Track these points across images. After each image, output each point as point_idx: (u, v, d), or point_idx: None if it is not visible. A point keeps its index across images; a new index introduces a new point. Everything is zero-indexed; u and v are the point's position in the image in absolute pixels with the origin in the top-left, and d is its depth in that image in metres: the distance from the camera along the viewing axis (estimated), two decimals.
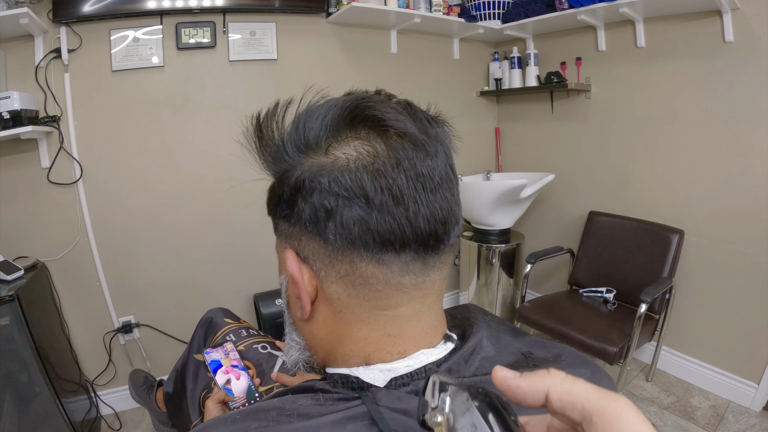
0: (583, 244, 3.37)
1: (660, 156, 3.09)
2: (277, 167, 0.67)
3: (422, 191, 0.60)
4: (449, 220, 0.63)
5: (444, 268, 0.67)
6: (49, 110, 2.66)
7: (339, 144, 0.61)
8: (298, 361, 0.75)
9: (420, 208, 0.59)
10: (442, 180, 0.62)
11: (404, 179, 0.58)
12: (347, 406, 0.62)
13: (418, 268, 0.63)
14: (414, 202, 0.59)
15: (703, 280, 2.98)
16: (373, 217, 0.58)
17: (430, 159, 0.61)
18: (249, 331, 1.74)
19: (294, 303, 0.70)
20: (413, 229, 0.59)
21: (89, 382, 2.97)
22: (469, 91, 3.99)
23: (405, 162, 0.59)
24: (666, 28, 2.94)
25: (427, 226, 0.60)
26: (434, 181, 0.61)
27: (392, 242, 0.59)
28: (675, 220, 2.96)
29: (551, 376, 0.43)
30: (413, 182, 0.59)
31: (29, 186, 2.70)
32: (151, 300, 3.07)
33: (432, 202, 0.60)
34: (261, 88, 3.13)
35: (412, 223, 0.59)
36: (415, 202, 0.59)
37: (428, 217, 0.60)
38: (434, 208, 0.61)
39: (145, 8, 2.73)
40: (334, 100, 0.65)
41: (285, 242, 0.69)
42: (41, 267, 2.67)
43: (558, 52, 3.59)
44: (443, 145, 0.64)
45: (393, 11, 3.14)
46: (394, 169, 0.58)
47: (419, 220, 0.60)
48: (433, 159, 0.61)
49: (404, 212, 0.59)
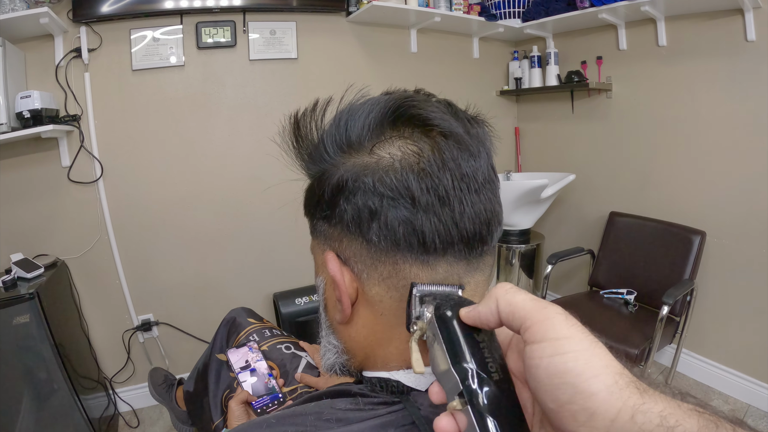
0: (603, 244, 3.34)
1: (681, 156, 3.05)
2: (316, 167, 0.66)
3: (467, 192, 0.59)
4: (492, 221, 0.62)
5: (486, 269, 0.66)
6: (70, 109, 2.68)
7: (383, 143, 0.60)
8: (335, 364, 0.73)
9: (465, 209, 0.58)
10: (485, 180, 0.61)
11: (450, 180, 0.57)
12: (388, 411, 0.61)
13: (462, 269, 0.61)
14: (459, 202, 0.58)
15: (724, 282, 2.94)
16: (419, 218, 0.57)
17: (474, 159, 0.60)
18: (272, 331, 1.73)
19: (333, 306, 0.69)
20: (458, 230, 0.58)
21: (108, 379, 3.00)
22: (489, 90, 3.97)
23: (450, 162, 0.58)
24: (688, 27, 2.90)
25: (472, 227, 0.59)
26: (478, 181, 0.60)
27: (437, 243, 0.58)
28: (696, 221, 2.92)
29: (497, 289, 0.48)
30: (458, 183, 0.58)
31: (50, 184, 2.72)
32: (170, 298, 3.08)
33: (476, 202, 0.59)
34: (281, 88, 3.13)
35: (457, 224, 0.58)
36: (461, 202, 0.58)
37: (473, 217, 0.59)
38: (479, 209, 0.60)
39: (165, 8, 2.74)
40: (375, 98, 0.64)
41: (324, 243, 0.67)
42: (61, 265, 2.70)
43: (579, 51, 3.56)
44: (484, 145, 0.63)
45: (413, 10, 3.13)
46: (440, 169, 0.57)
47: (464, 220, 0.59)
48: (477, 159, 0.60)
49: (450, 213, 0.58)
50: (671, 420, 0.37)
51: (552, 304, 0.45)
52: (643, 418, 0.37)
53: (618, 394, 0.38)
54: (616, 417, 0.37)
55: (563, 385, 0.40)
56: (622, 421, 0.37)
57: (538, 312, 0.43)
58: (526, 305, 0.45)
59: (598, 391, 0.38)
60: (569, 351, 0.40)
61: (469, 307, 0.50)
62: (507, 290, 0.47)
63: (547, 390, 0.41)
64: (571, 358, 0.40)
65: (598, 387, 0.38)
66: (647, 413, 0.37)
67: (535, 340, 0.42)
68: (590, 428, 0.38)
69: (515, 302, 0.45)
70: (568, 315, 0.44)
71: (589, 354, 0.40)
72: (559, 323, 0.42)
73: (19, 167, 2.65)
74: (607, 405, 0.38)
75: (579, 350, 0.40)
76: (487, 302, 0.48)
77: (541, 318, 0.43)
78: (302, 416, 0.63)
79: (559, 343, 0.41)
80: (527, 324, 0.44)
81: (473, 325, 0.49)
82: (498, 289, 0.48)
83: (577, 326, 0.43)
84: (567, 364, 0.40)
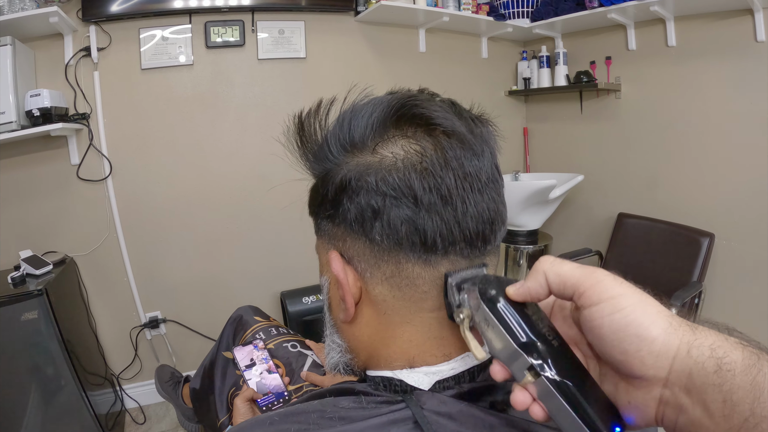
0: (611, 246, 3.32)
1: (690, 157, 3.03)
2: (320, 166, 0.66)
3: (470, 191, 0.59)
4: (496, 221, 0.62)
5: (491, 268, 0.66)
6: (79, 108, 2.70)
7: (386, 143, 0.60)
8: (339, 363, 0.73)
9: (468, 208, 0.59)
10: (489, 180, 0.61)
11: (452, 179, 0.58)
12: (391, 410, 0.61)
13: (465, 268, 0.61)
14: (462, 202, 0.58)
15: (732, 284, 2.91)
16: (421, 217, 0.57)
17: (477, 158, 0.60)
18: (279, 330, 1.74)
19: (337, 305, 0.69)
20: (461, 230, 0.59)
21: (115, 375, 3.01)
22: (498, 90, 3.95)
23: (453, 161, 0.58)
24: (697, 27, 2.88)
25: (475, 226, 0.60)
26: (481, 180, 0.60)
27: (439, 243, 0.58)
28: (705, 223, 2.90)
29: (542, 263, 0.52)
30: (461, 182, 0.58)
31: (59, 182, 2.74)
32: (177, 296, 3.10)
33: (479, 202, 0.60)
34: (289, 87, 3.14)
35: (460, 223, 0.58)
36: (464, 202, 0.58)
37: (476, 217, 0.59)
38: (482, 208, 0.60)
39: (174, 7, 2.76)
40: (378, 98, 0.64)
41: (328, 243, 0.68)
42: (70, 262, 2.72)
43: (587, 51, 3.54)
44: (488, 144, 0.63)
45: (422, 10, 3.13)
46: (443, 168, 0.58)
47: (467, 220, 0.59)
48: (480, 159, 0.61)
49: (452, 212, 0.58)
50: (720, 352, 0.42)
51: (597, 269, 0.49)
52: (697, 352, 0.42)
53: (674, 333, 0.44)
54: (677, 353, 0.43)
55: (628, 337, 0.45)
56: (681, 356, 0.43)
57: (588, 277, 0.48)
58: (575, 273, 0.49)
59: (658, 335, 0.44)
60: (626, 306, 0.45)
61: (516, 284, 0.53)
62: (552, 262, 0.51)
63: (614, 344, 0.46)
64: (629, 312, 0.45)
65: (657, 332, 0.44)
66: (700, 347, 0.43)
67: (592, 302, 0.47)
68: (657, 368, 0.44)
69: (563, 272, 0.50)
70: (614, 275, 0.48)
71: (643, 305, 0.45)
72: (610, 283, 0.47)
73: (29, 165, 2.67)
74: (668, 345, 0.43)
75: (633, 303, 0.45)
76: (535, 277, 0.52)
77: (593, 282, 0.47)
78: (305, 414, 0.63)
79: (615, 301, 0.46)
80: (581, 290, 0.48)
81: (523, 301, 0.53)
82: (543, 263, 0.52)
83: (625, 283, 0.47)
84: (627, 317, 0.45)
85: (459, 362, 0.64)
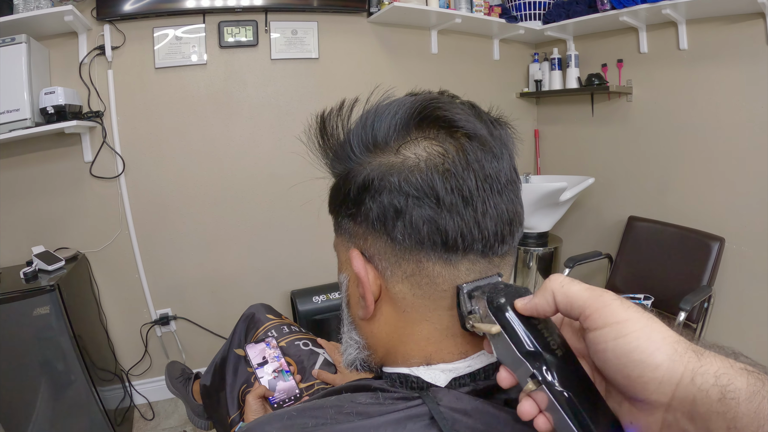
0: (621, 249, 3.31)
1: (701, 161, 3.01)
2: (342, 166, 0.67)
3: (490, 193, 0.60)
4: (514, 221, 0.63)
5: (507, 268, 0.67)
6: (93, 106, 2.73)
7: (409, 144, 0.61)
8: (356, 359, 0.74)
9: (488, 209, 0.60)
10: (508, 181, 0.62)
11: (473, 180, 0.58)
12: (407, 406, 0.62)
13: (483, 268, 0.63)
14: (482, 203, 0.59)
15: (742, 289, 2.89)
16: (443, 217, 0.58)
17: (497, 161, 0.61)
18: (290, 328, 1.75)
19: (356, 302, 0.70)
20: (480, 230, 0.60)
21: (125, 371, 3.03)
22: (509, 92, 3.95)
23: (474, 164, 0.59)
24: (709, 31, 2.87)
25: (494, 227, 0.60)
26: (501, 182, 0.61)
27: (459, 243, 0.59)
28: (715, 227, 2.88)
29: (551, 282, 0.52)
30: (482, 183, 0.59)
31: (72, 179, 2.77)
32: (188, 293, 3.11)
33: (499, 203, 0.61)
34: (302, 87, 3.16)
35: (480, 223, 0.59)
36: (484, 203, 0.59)
37: (495, 218, 0.60)
38: (501, 210, 0.61)
39: (187, 7, 2.78)
40: (400, 99, 0.65)
41: (349, 241, 0.68)
42: (82, 258, 2.74)
43: (599, 53, 3.54)
44: (507, 147, 0.64)
45: (434, 11, 3.13)
46: (465, 170, 0.58)
47: (487, 221, 0.60)
48: (499, 161, 0.61)
49: (473, 213, 0.59)
50: (724, 379, 0.41)
51: (606, 291, 0.49)
52: (702, 380, 0.42)
53: (679, 360, 0.43)
54: (680, 380, 0.43)
55: (631, 363, 0.45)
56: (685, 383, 0.43)
57: (595, 300, 0.48)
58: (583, 295, 0.49)
59: (662, 362, 0.43)
60: (631, 332, 0.45)
61: (524, 299, 0.54)
62: (562, 282, 0.51)
63: (618, 368, 0.46)
64: (633, 338, 0.45)
65: (661, 358, 0.43)
66: (705, 374, 0.42)
67: (598, 326, 0.47)
68: (659, 394, 0.44)
69: (572, 294, 0.50)
70: (622, 299, 0.48)
71: (648, 331, 0.45)
72: (617, 308, 0.47)
73: (43, 162, 2.70)
74: (672, 372, 0.43)
75: (639, 329, 0.45)
76: (543, 295, 0.52)
77: (599, 306, 0.47)
78: (322, 409, 0.64)
79: (620, 326, 0.46)
80: (587, 313, 0.48)
81: (530, 315, 0.53)
82: (553, 282, 0.52)
83: (632, 308, 0.47)
84: (631, 344, 0.45)
85: (475, 360, 0.65)
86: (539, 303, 0.52)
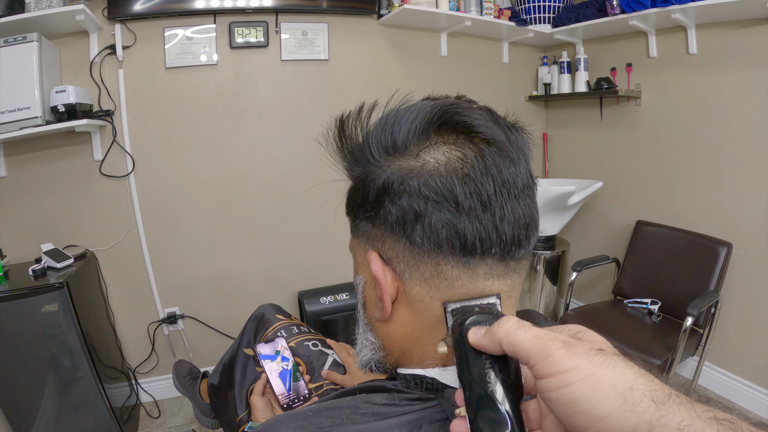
0: (629, 253, 3.30)
1: (710, 166, 3.01)
2: (360, 168, 0.67)
3: (507, 197, 0.60)
4: (530, 226, 0.64)
5: (522, 273, 0.67)
6: (103, 104, 2.74)
7: (428, 148, 0.61)
8: (371, 361, 0.75)
9: (505, 214, 0.60)
10: (524, 186, 0.63)
11: (492, 185, 0.59)
12: (423, 407, 0.63)
13: (500, 271, 0.63)
14: (500, 207, 0.59)
15: (749, 295, 2.88)
16: (462, 221, 0.59)
17: (514, 166, 0.61)
18: (300, 328, 1.75)
19: (373, 304, 0.70)
20: (498, 234, 0.60)
21: (131, 369, 3.05)
22: (518, 95, 3.95)
23: (493, 168, 0.59)
24: (718, 35, 2.86)
25: (511, 231, 0.61)
26: (518, 187, 0.61)
27: (478, 246, 0.60)
28: (723, 233, 2.88)
29: (500, 329, 0.49)
30: (500, 188, 0.59)
31: (82, 177, 2.78)
32: (196, 293, 3.12)
33: (516, 208, 0.61)
34: (312, 88, 3.16)
35: (497, 228, 0.60)
36: (502, 207, 0.60)
37: (512, 222, 0.61)
38: (518, 214, 0.61)
39: (198, 7, 2.79)
40: (419, 104, 0.66)
41: (366, 243, 0.69)
42: (90, 256, 2.75)
43: (608, 57, 3.54)
44: (523, 152, 0.65)
45: (444, 14, 3.13)
46: (484, 175, 0.59)
47: (504, 225, 0.60)
48: (516, 166, 0.62)
49: (491, 217, 0.59)
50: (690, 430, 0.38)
51: (553, 338, 0.46)
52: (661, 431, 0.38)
53: (631, 410, 0.39)
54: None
55: (576, 414, 0.42)
56: None
57: (539, 351, 0.45)
58: (527, 345, 0.47)
59: (608, 413, 0.40)
60: (574, 381, 0.42)
61: (477, 332, 0.52)
62: (508, 330, 0.49)
63: (563, 419, 0.44)
64: (577, 388, 0.42)
65: (608, 409, 0.40)
66: (665, 426, 0.38)
67: (542, 375, 0.45)
68: None
69: (516, 343, 0.47)
70: (570, 345, 0.45)
71: (594, 380, 0.42)
72: (560, 358, 0.44)
73: (53, 160, 2.71)
74: (621, 423, 0.40)
75: (583, 378, 0.42)
76: (490, 338, 0.50)
77: (543, 356, 0.45)
78: (338, 409, 0.65)
79: (564, 376, 0.43)
80: (531, 363, 0.46)
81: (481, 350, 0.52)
82: (500, 328, 0.49)
83: (580, 354, 0.44)
84: (574, 394, 0.42)
85: None
86: (486, 344, 0.51)
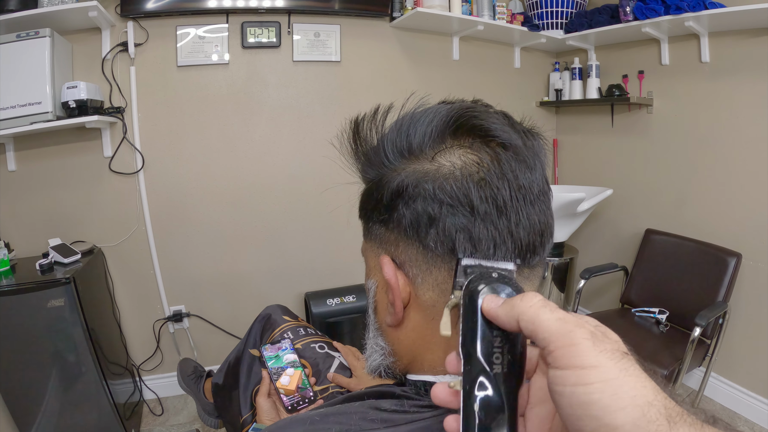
0: (637, 262, 3.28)
1: (720, 175, 2.99)
2: (374, 171, 0.67)
3: (523, 203, 0.59)
4: (545, 232, 0.63)
5: (536, 279, 0.66)
6: (114, 101, 2.75)
7: (444, 152, 0.61)
8: (380, 366, 0.74)
9: (521, 220, 0.59)
10: (540, 192, 0.62)
11: (507, 190, 0.58)
12: (434, 414, 0.62)
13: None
14: (516, 213, 0.59)
15: (758, 306, 2.86)
16: (477, 226, 0.58)
17: (530, 171, 0.61)
18: (307, 330, 1.75)
19: (384, 308, 0.70)
20: (513, 240, 0.59)
21: (135, 366, 3.05)
22: (529, 100, 3.94)
23: (509, 173, 0.59)
24: (731, 44, 2.85)
25: (527, 237, 0.60)
26: (533, 193, 0.61)
27: (492, 252, 0.59)
28: (732, 243, 2.86)
29: (522, 303, 0.44)
30: (515, 193, 0.59)
31: (91, 173, 2.79)
32: (202, 291, 3.13)
33: (531, 214, 0.60)
34: (323, 90, 3.16)
35: (512, 233, 0.59)
36: (517, 213, 0.59)
37: (528, 228, 0.60)
38: (533, 220, 0.60)
39: (211, 6, 2.79)
40: (435, 107, 0.65)
41: (379, 247, 0.68)
42: (98, 252, 2.76)
43: (620, 64, 3.53)
44: (539, 158, 0.64)
45: (456, 18, 3.13)
46: (499, 179, 0.58)
47: (520, 231, 0.59)
48: (532, 171, 0.61)
49: (506, 223, 0.58)
50: None
51: (581, 325, 0.41)
52: None
53: (645, 427, 0.36)
54: None
55: (586, 417, 0.38)
56: None
57: (564, 336, 0.40)
58: (551, 326, 0.41)
59: (623, 424, 0.36)
60: (595, 381, 0.38)
61: (493, 300, 0.48)
62: (531, 306, 0.44)
63: (569, 419, 0.39)
64: (596, 389, 0.37)
65: (623, 420, 0.36)
66: None
67: (559, 366, 0.40)
68: None
69: (539, 321, 0.42)
70: (597, 338, 0.40)
71: (615, 385, 0.37)
72: (586, 350, 0.39)
73: (62, 155, 2.72)
74: None
75: (605, 380, 0.38)
76: (509, 312, 0.45)
77: (566, 343, 0.40)
78: (346, 415, 0.64)
79: (585, 372, 0.38)
80: (550, 348, 0.41)
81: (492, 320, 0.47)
82: (522, 302, 0.44)
83: (606, 352, 0.39)
84: (592, 395, 0.37)
85: None
86: (502, 317, 0.45)
